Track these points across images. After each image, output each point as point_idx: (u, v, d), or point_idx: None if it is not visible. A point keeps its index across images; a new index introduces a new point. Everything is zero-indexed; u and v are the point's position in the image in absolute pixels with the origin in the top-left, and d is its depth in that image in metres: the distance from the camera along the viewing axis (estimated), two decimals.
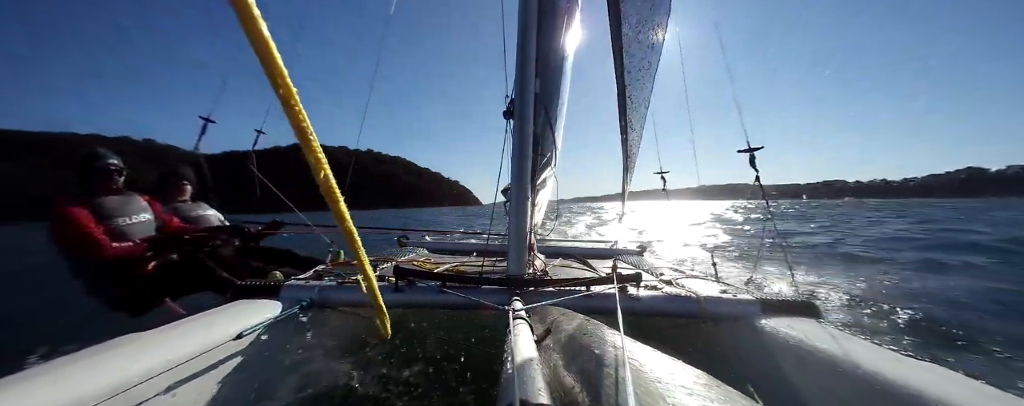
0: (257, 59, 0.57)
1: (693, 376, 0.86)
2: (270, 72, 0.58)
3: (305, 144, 0.66)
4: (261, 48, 0.56)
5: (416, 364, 2.06)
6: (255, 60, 0.57)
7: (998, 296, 3.62)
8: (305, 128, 0.64)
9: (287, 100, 0.62)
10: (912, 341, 2.58)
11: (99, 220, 2.20)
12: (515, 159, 1.92)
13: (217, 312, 1.49)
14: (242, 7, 0.52)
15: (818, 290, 3.85)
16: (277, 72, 0.59)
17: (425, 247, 4.08)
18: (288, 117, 0.63)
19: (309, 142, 0.66)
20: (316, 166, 0.69)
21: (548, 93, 2.41)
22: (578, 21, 2.41)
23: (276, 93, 0.60)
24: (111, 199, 2.34)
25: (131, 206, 2.44)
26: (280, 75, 0.59)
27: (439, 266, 2.37)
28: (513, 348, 0.93)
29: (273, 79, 0.59)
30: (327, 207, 0.81)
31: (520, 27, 1.93)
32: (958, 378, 1.06)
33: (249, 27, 0.53)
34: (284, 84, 0.60)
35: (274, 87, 0.60)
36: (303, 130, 0.64)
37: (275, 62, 0.58)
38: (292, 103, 0.62)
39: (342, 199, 0.78)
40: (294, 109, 0.63)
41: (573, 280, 1.78)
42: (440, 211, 45.59)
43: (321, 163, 0.69)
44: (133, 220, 2.38)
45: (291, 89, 0.61)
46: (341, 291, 1.79)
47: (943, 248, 6.82)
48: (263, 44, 0.55)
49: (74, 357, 1.05)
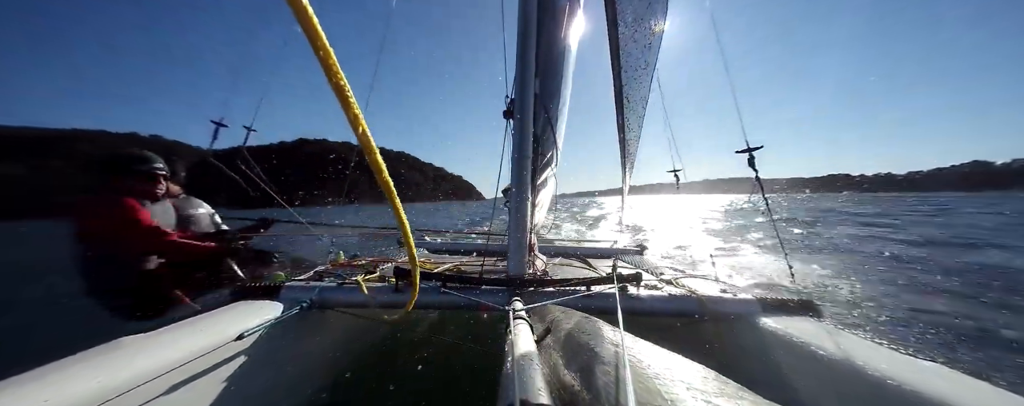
0: (322, 71, 0.60)
1: (693, 372, 0.86)
2: (337, 88, 0.61)
3: (367, 150, 0.72)
4: (329, 66, 0.59)
5: (416, 364, 2.07)
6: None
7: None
8: (365, 134, 0.70)
9: (355, 118, 0.66)
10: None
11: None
12: (515, 159, 1.92)
13: (217, 313, 1.50)
14: (299, 8, 0.53)
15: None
16: (341, 86, 0.62)
17: (425, 247, 4.08)
18: (351, 127, 0.68)
19: (371, 149, 0.72)
20: (376, 169, 0.76)
21: (549, 93, 2.42)
22: (581, 19, 2.41)
23: (345, 113, 0.65)
24: (156, 207, 2.21)
25: (168, 215, 2.33)
26: (344, 87, 0.62)
27: (439, 266, 2.37)
28: (513, 348, 0.93)
29: (341, 97, 0.62)
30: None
31: (520, 27, 1.93)
32: (958, 377, 1.07)
33: (311, 35, 0.56)
34: (347, 101, 0.63)
35: (341, 104, 0.63)
36: (364, 135, 0.70)
37: (338, 76, 0.61)
38: (355, 112, 0.66)
39: (396, 195, 0.85)
40: (356, 117, 0.67)
41: (573, 280, 1.78)
42: (435, 207, 45.42)
43: (380, 166, 0.76)
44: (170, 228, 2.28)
45: (352, 103, 0.64)
46: (341, 292, 1.79)
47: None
48: (328, 58, 0.58)
49: (73, 359, 1.05)
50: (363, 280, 1.83)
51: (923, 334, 2.79)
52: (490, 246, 3.45)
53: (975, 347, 2.58)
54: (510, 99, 2.13)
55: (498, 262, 2.67)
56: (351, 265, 2.53)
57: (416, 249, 1.11)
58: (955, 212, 15.92)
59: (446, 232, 5.00)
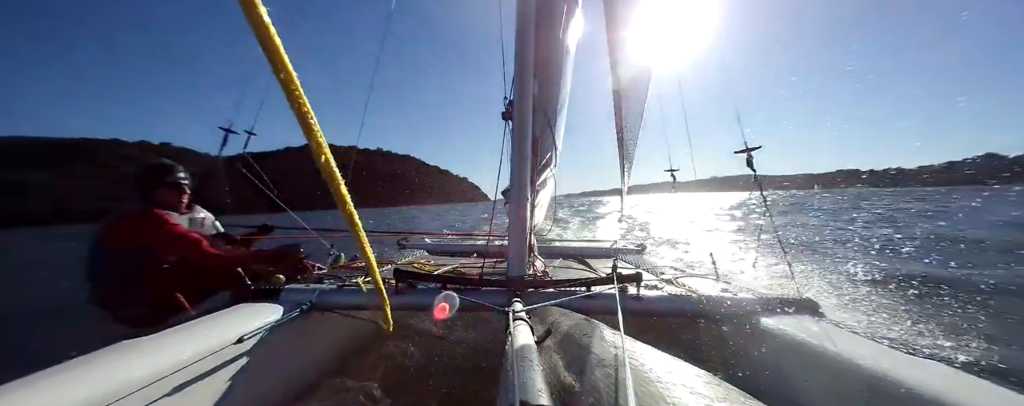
0: (257, 43, 0.58)
1: (693, 375, 0.86)
2: (269, 54, 0.58)
3: (305, 129, 0.67)
4: (259, 28, 0.56)
5: (416, 366, 2.06)
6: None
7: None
8: (306, 112, 0.66)
9: (287, 84, 0.62)
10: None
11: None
12: (514, 161, 1.92)
13: (218, 316, 1.49)
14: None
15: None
16: (276, 55, 0.59)
17: (425, 249, 4.07)
18: (289, 101, 0.64)
19: (309, 126, 0.67)
20: (317, 150, 0.71)
21: (547, 94, 2.42)
22: (580, 19, 2.40)
23: (276, 77, 0.61)
24: (183, 218, 2.22)
25: (195, 226, 2.32)
26: (279, 58, 0.59)
27: (439, 268, 2.37)
28: (513, 349, 0.93)
29: (273, 62, 0.59)
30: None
31: (518, 28, 1.92)
32: (958, 375, 1.07)
33: (247, 6, 0.54)
34: (284, 67, 0.60)
35: (274, 70, 0.60)
36: (304, 115, 0.66)
37: (274, 44, 0.58)
38: (292, 87, 0.63)
39: (343, 182, 0.79)
40: (295, 93, 0.63)
41: (573, 281, 1.78)
42: (445, 209, 44.72)
43: (321, 147, 0.71)
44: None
45: (291, 73, 0.62)
46: (341, 294, 1.79)
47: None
48: (260, 23, 0.56)
49: (72, 363, 1.04)
50: (363, 282, 1.83)
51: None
52: (490, 247, 3.45)
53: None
54: (508, 101, 2.13)
55: (498, 263, 2.67)
56: (351, 267, 2.53)
57: (416, 250, 1.11)
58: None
59: (446, 233, 5.00)
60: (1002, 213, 9.67)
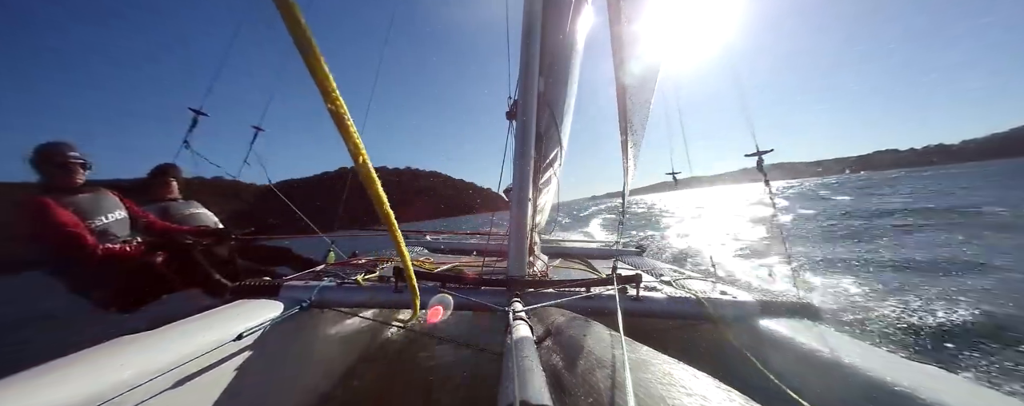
0: (297, 51, 0.60)
1: (692, 377, 0.86)
2: (308, 61, 0.61)
3: (343, 131, 0.69)
4: (300, 38, 0.58)
5: (415, 364, 2.06)
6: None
7: None
8: (343, 114, 0.68)
9: (326, 89, 0.64)
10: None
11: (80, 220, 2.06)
12: (516, 159, 1.91)
13: (217, 312, 1.49)
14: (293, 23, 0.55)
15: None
16: (316, 62, 0.61)
17: (425, 246, 4.07)
18: (327, 107, 0.66)
19: (347, 128, 0.69)
20: (354, 151, 0.73)
21: (554, 92, 2.40)
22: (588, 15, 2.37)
23: (314, 80, 0.63)
24: (82, 197, 2.16)
25: (105, 204, 2.26)
26: (319, 66, 0.61)
27: (439, 266, 2.36)
28: (513, 349, 0.92)
29: (312, 68, 0.61)
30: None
31: (525, 24, 1.90)
32: (953, 380, 1.08)
33: (287, 15, 0.56)
34: (322, 72, 0.62)
35: (313, 75, 0.62)
36: (341, 117, 0.68)
37: (313, 51, 0.60)
38: (329, 88, 0.64)
39: (379, 182, 0.82)
40: (332, 95, 0.65)
41: (573, 281, 1.78)
42: (474, 219, 43.88)
43: (359, 148, 0.72)
44: (110, 218, 2.22)
45: (329, 79, 0.64)
46: (341, 291, 1.79)
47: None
48: (301, 32, 0.58)
49: (71, 358, 1.04)
50: (362, 279, 1.83)
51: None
52: (490, 246, 3.44)
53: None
54: (513, 100, 2.12)
55: (498, 262, 2.66)
56: (350, 264, 2.53)
57: (415, 248, 1.11)
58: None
59: (446, 232, 4.99)
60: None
